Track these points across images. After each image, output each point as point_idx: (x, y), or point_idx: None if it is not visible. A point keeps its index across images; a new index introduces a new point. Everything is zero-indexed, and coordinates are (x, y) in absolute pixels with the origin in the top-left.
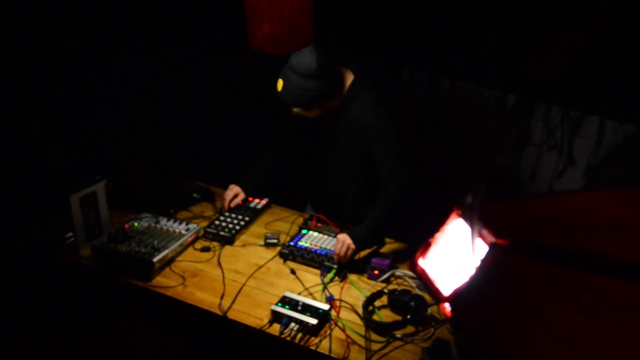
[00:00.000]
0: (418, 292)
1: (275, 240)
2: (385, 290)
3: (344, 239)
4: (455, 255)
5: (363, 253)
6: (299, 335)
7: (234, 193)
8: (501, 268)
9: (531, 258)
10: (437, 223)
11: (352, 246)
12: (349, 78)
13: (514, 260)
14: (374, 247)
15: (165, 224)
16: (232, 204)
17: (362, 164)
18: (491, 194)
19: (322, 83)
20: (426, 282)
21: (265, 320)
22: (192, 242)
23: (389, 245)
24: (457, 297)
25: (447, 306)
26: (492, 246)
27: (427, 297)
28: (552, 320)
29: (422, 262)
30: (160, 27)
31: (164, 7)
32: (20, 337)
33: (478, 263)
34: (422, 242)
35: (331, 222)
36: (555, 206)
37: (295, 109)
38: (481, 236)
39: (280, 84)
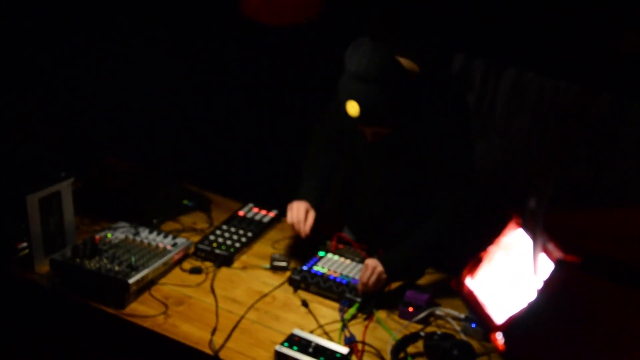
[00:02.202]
0: (464, 337)
1: (284, 264)
2: (422, 334)
3: (374, 265)
4: (512, 274)
5: (395, 284)
6: None
7: (305, 210)
8: (570, 290)
9: (607, 279)
10: (490, 234)
11: (384, 275)
12: (413, 70)
13: (586, 281)
14: (411, 279)
15: (147, 236)
16: (307, 229)
17: (422, 183)
18: (559, 204)
19: (402, 80)
20: (474, 307)
21: None
22: (180, 261)
23: (429, 276)
24: (512, 326)
25: (499, 337)
26: (559, 263)
27: (475, 343)
28: (636, 356)
29: (470, 282)
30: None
31: None
32: None
33: (541, 284)
34: (471, 257)
35: (356, 244)
36: (636, 219)
37: (375, 131)
38: (546, 251)
39: (353, 107)
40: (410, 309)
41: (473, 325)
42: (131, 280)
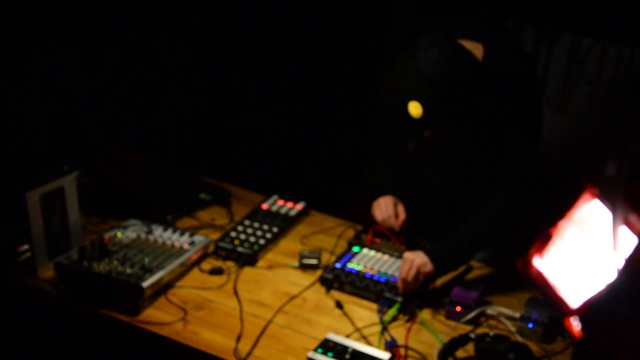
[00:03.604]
0: (519, 339)
1: (314, 261)
2: (472, 336)
3: (412, 258)
4: (587, 252)
5: (440, 281)
6: None
7: (393, 204)
8: None
9: None
10: (560, 207)
11: (427, 268)
12: (478, 52)
13: None
14: (457, 272)
15: (161, 235)
16: (400, 223)
17: (488, 169)
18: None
19: (473, 79)
20: (545, 290)
21: None
22: (198, 262)
23: (477, 271)
24: (590, 310)
25: (575, 322)
26: None
27: (532, 346)
28: None
29: (539, 262)
30: None
31: None
32: None
33: (622, 261)
34: (540, 234)
35: (394, 237)
36: None
37: (434, 131)
38: (628, 224)
39: (416, 108)
40: (458, 309)
41: (530, 325)
42: (145, 284)
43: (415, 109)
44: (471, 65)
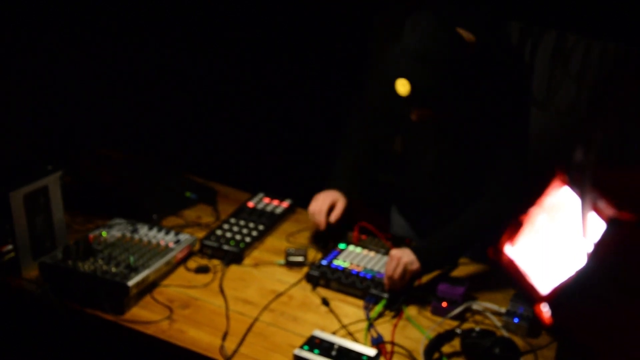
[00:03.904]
0: (505, 333)
1: (300, 259)
2: (458, 331)
3: (399, 256)
4: (558, 238)
5: (426, 277)
6: None
7: (330, 201)
8: (625, 252)
9: None
10: (531, 194)
11: (413, 266)
12: (470, 41)
13: None
14: (443, 269)
15: (146, 234)
16: (333, 219)
17: (476, 162)
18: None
19: (461, 60)
20: (516, 277)
21: None
22: (184, 260)
23: (464, 267)
24: (560, 296)
25: (545, 308)
26: (612, 222)
27: (518, 340)
28: None
29: (510, 250)
30: None
31: None
32: None
33: (591, 247)
34: (510, 222)
35: (381, 234)
36: None
37: (422, 112)
38: (597, 210)
39: (404, 86)
40: (444, 304)
41: (516, 320)
42: (130, 283)
43: (402, 86)
44: (458, 42)
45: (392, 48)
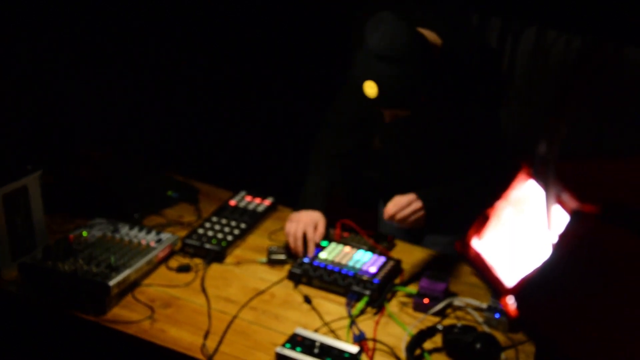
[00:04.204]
0: (486, 329)
1: (282, 257)
2: (440, 327)
3: (409, 198)
4: (523, 231)
5: (408, 273)
6: None
7: (313, 222)
8: (588, 244)
9: (629, 230)
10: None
11: (421, 211)
12: (436, 43)
13: (606, 234)
14: (424, 264)
15: (127, 233)
16: (317, 239)
17: (452, 159)
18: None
19: (425, 56)
20: (482, 271)
21: None
22: (165, 259)
23: (445, 263)
24: (525, 288)
25: (510, 301)
26: (575, 214)
27: (499, 336)
28: None
29: (477, 243)
30: None
31: None
32: None
33: (556, 239)
34: (477, 216)
35: (362, 231)
36: None
37: (394, 112)
38: (560, 202)
39: (371, 88)
40: (426, 301)
41: (497, 316)
42: (112, 282)
43: (370, 88)
44: (419, 40)
45: (358, 52)
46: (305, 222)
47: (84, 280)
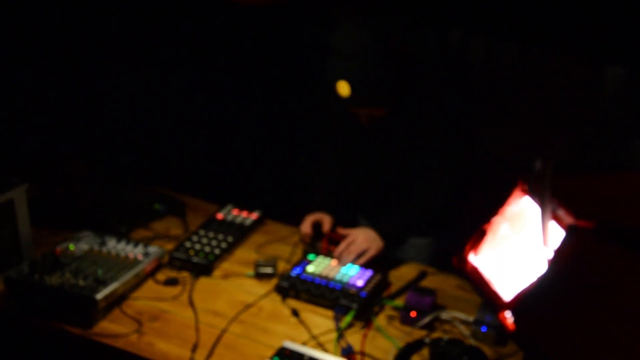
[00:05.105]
0: (473, 342)
1: (270, 270)
2: (427, 340)
3: (365, 235)
4: (519, 247)
5: (395, 286)
6: None
7: (313, 219)
8: (584, 259)
9: (624, 245)
10: (493, 204)
11: (377, 248)
12: (404, 52)
13: (601, 249)
14: (412, 281)
15: (114, 246)
16: (325, 230)
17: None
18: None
19: (393, 56)
20: (480, 285)
21: None
22: (153, 273)
23: (432, 278)
24: (522, 302)
25: (508, 315)
26: (571, 230)
27: (486, 349)
28: None
29: (474, 258)
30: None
31: None
32: None
33: (551, 254)
34: (473, 231)
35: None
36: None
37: (369, 112)
38: (556, 218)
39: (343, 87)
40: (413, 314)
41: (484, 329)
42: (99, 296)
43: (343, 88)
44: (385, 36)
45: (329, 57)
46: (310, 217)
47: (71, 293)
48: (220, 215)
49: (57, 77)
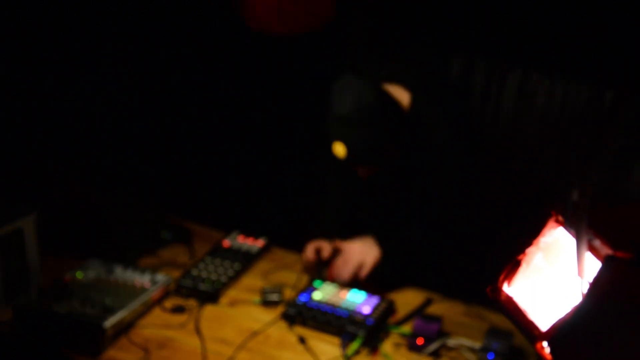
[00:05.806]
0: None
1: (276, 297)
2: None
3: (360, 245)
4: (555, 277)
5: (401, 313)
6: None
7: (314, 246)
8: (621, 289)
9: None
10: (527, 235)
11: (374, 257)
12: (404, 98)
13: (638, 278)
14: (418, 308)
15: (122, 274)
16: (324, 257)
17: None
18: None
19: (392, 120)
20: (515, 315)
21: None
22: (160, 300)
23: (438, 304)
24: (559, 333)
25: (545, 346)
26: (608, 260)
27: None
28: None
29: (509, 289)
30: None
31: None
32: None
33: (588, 285)
34: (508, 261)
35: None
36: None
37: (367, 170)
38: (592, 249)
39: (339, 148)
40: (420, 341)
41: (490, 356)
42: (106, 324)
43: (338, 149)
44: (383, 100)
45: (327, 114)
46: (311, 245)
47: (79, 321)
48: (226, 243)
49: (65, 98)
